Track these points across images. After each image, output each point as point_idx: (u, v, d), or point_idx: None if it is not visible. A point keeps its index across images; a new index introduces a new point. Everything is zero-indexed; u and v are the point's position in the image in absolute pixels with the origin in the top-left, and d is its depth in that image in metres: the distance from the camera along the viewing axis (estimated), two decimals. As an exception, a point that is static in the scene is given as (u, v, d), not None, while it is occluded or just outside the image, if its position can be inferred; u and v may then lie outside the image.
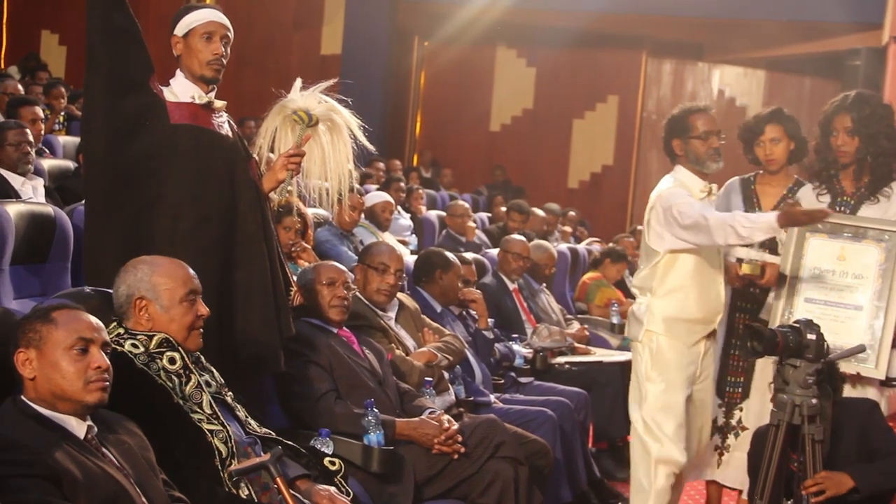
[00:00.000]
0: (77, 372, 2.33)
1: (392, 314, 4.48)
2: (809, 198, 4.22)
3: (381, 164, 10.81)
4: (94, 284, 3.12)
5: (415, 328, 4.54)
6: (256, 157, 3.65)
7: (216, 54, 3.38)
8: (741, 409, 4.45)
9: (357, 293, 4.26)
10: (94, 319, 2.43)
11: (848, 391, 3.95)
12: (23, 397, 2.34)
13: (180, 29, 3.39)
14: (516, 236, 6.65)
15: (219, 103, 3.45)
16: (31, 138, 5.54)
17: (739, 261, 4.27)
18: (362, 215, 6.59)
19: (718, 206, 4.39)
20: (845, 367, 3.87)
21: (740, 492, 4.55)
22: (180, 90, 3.39)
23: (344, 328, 3.97)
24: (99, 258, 3.25)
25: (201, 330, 2.90)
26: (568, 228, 10.84)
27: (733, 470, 4.46)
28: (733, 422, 4.46)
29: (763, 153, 4.42)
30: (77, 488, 2.19)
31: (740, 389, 4.45)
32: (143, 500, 2.35)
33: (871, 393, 3.97)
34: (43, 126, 6.76)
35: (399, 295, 4.57)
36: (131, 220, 3.27)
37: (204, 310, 2.89)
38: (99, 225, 3.29)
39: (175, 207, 3.29)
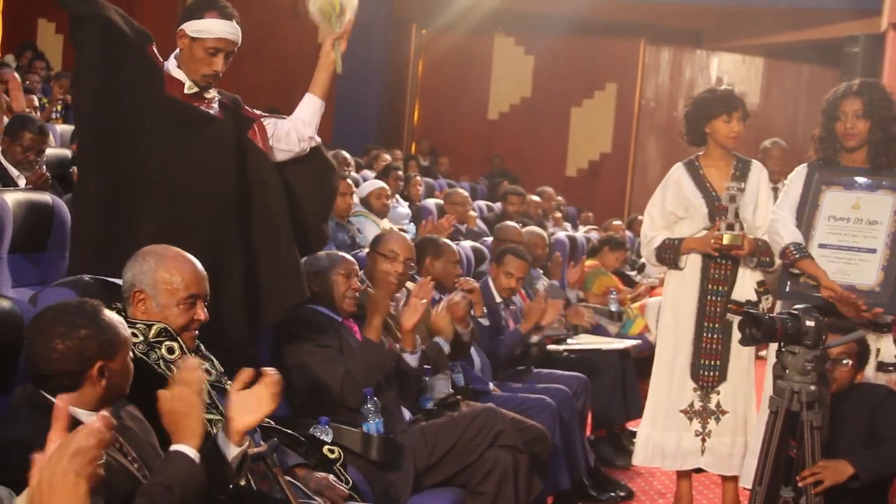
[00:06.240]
0: None
1: (398, 304, 4.46)
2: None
3: (378, 153, 10.78)
4: (78, 253, 3.31)
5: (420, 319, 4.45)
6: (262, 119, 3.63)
7: (214, 71, 3.37)
8: (718, 393, 4.49)
9: (366, 281, 4.28)
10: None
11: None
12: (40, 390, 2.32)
13: (190, 29, 3.35)
14: (509, 223, 6.66)
15: (210, 93, 3.45)
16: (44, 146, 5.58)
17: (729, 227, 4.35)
18: (357, 202, 6.59)
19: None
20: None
21: (726, 478, 4.58)
22: (174, 72, 3.40)
23: (349, 318, 3.97)
24: (84, 222, 3.33)
25: (196, 332, 2.87)
26: (559, 214, 10.84)
27: (716, 456, 4.49)
28: (712, 406, 4.49)
29: (730, 130, 4.47)
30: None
31: (716, 372, 4.49)
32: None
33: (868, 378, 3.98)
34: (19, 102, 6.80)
35: (409, 284, 4.55)
36: (116, 177, 3.29)
37: (203, 315, 2.85)
38: (85, 184, 3.35)
39: (154, 173, 3.30)
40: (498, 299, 5.50)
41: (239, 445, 2.40)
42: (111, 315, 2.35)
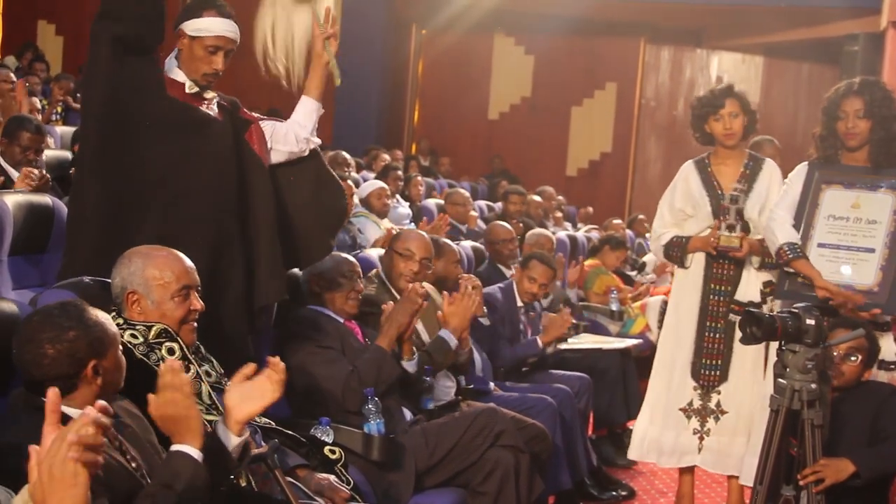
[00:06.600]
0: None
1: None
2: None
3: (378, 154, 10.79)
4: (72, 254, 3.27)
5: (436, 322, 4.40)
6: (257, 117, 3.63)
7: (215, 69, 3.38)
8: (719, 393, 4.50)
9: (383, 278, 4.33)
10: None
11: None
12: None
13: (189, 28, 3.36)
14: (498, 222, 6.66)
15: (209, 94, 3.45)
16: (43, 146, 5.55)
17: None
18: (357, 203, 6.60)
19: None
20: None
21: (731, 476, 4.59)
22: (174, 73, 3.40)
23: (350, 319, 3.97)
24: (83, 224, 3.30)
25: (195, 324, 2.87)
26: (559, 214, 10.85)
27: (714, 455, 4.50)
28: (711, 405, 4.50)
29: (722, 127, 4.48)
30: (97, 483, 2.18)
31: (717, 372, 4.50)
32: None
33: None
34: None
35: (425, 284, 4.53)
36: (117, 178, 3.28)
37: (198, 304, 2.86)
38: (85, 185, 3.31)
39: (155, 174, 3.30)
40: (519, 303, 5.49)
41: (239, 435, 2.40)
42: (97, 313, 2.34)
